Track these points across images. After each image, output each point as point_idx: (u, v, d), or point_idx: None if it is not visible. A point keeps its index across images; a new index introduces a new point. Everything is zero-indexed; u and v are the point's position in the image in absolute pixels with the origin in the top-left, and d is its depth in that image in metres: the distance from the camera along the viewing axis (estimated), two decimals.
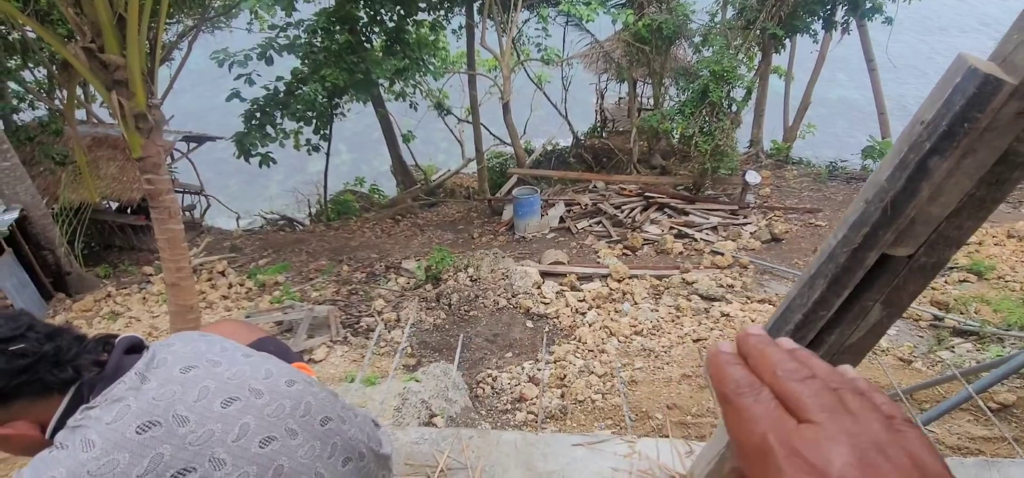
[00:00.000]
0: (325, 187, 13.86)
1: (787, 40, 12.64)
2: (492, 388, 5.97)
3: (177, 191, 12.19)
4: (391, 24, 10.40)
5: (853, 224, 0.78)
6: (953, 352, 5.80)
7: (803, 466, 0.26)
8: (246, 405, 0.89)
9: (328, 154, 12.76)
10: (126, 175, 9.94)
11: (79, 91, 7.83)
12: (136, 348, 0.95)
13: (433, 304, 7.69)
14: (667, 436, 1.55)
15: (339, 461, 0.97)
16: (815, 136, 15.25)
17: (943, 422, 4.20)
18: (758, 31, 11.73)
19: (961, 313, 6.44)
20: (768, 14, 11.52)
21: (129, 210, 10.85)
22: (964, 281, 7.24)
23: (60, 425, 0.84)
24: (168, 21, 9.30)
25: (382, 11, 10.14)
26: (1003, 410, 4.45)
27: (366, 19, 10.14)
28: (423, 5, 10.50)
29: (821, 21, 12.33)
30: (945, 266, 0.77)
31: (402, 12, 10.21)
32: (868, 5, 11.89)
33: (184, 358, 0.91)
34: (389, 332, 7.07)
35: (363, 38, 10.22)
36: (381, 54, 10.08)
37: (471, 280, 7.96)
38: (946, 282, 7.28)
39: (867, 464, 0.26)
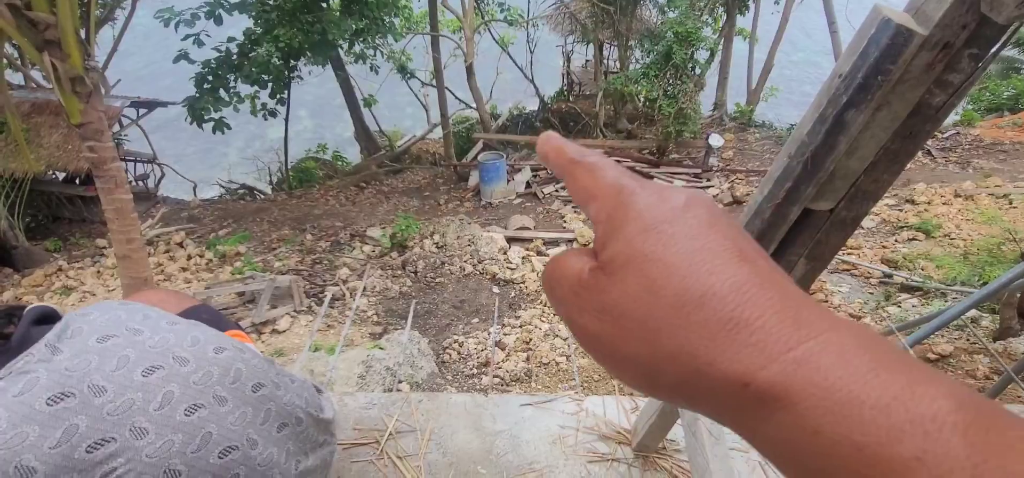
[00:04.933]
0: (286, 154, 13.47)
1: (751, 1, 12.68)
2: (459, 354, 6.00)
3: (127, 159, 11.69)
4: None
5: (777, 179, 0.78)
6: (900, 307, 6.08)
7: (655, 191, 0.28)
8: (170, 373, 0.86)
9: (287, 120, 12.37)
10: (70, 143, 9.45)
11: (12, 52, 7.33)
12: (48, 319, 0.91)
13: (399, 272, 7.64)
14: (613, 394, 1.59)
15: (274, 427, 0.95)
16: (778, 99, 15.48)
17: None
18: None
19: (909, 270, 6.73)
20: None
21: (77, 180, 10.36)
22: (913, 240, 7.55)
23: None
24: None
25: None
26: (942, 360, 4.71)
27: None
28: None
29: None
30: (863, 220, 0.79)
31: None
32: None
33: (101, 327, 0.87)
34: (354, 301, 7.01)
35: None
36: (339, 13, 9.72)
37: (437, 247, 7.93)
38: (896, 241, 7.58)
39: (697, 203, 0.28)
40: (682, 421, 1.05)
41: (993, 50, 0.63)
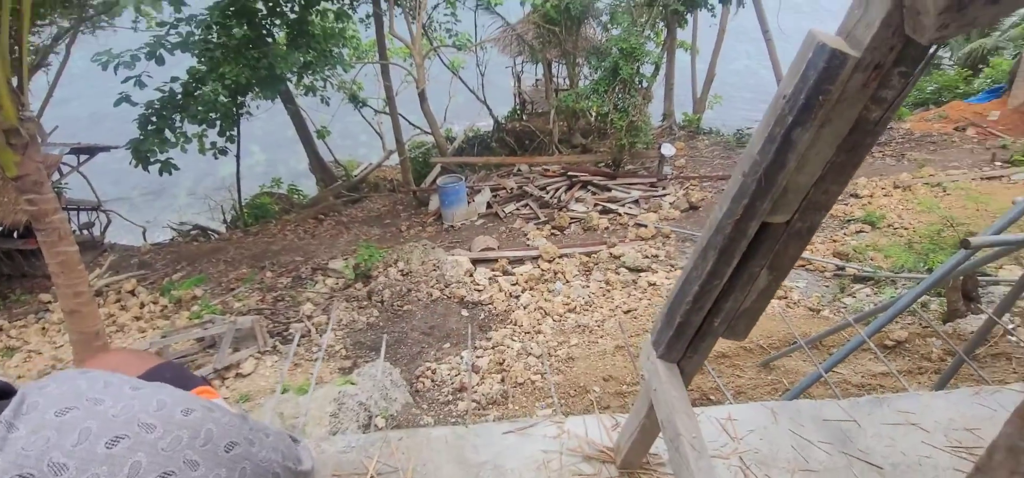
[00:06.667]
0: (239, 191, 13.13)
1: (688, 15, 13.17)
2: (432, 381, 5.92)
3: (69, 208, 11.15)
4: (293, 15, 9.89)
5: (734, 196, 0.82)
6: (854, 298, 6.34)
7: None
8: (136, 442, 0.82)
9: (238, 156, 12.08)
10: (5, 196, 8.97)
11: None
12: (3, 394, 0.86)
13: (365, 302, 7.51)
14: (593, 413, 1.60)
15: None
16: (722, 105, 16.08)
17: (848, 363, 4.59)
18: (661, 7, 12.15)
19: (859, 261, 7.03)
20: None
21: (15, 234, 9.80)
22: (860, 232, 7.91)
23: None
24: (39, 22, 8.41)
25: (282, 1, 9.63)
26: (898, 346, 4.93)
27: (265, 11, 9.58)
28: None
29: None
30: (817, 229, 0.83)
31: (303, 1, 9.73)
32: None
33: (59, 400, 0.83)
34: (320, 336, 6.84)
35: (264, 31, 9.66)
36: (285, 47, 9.59)
37: (402, 274, 7.83)
38: (845, 234, 7.93)
39: None
40: (664, 435, 1.07)
41: (919, 68, 0.68)
